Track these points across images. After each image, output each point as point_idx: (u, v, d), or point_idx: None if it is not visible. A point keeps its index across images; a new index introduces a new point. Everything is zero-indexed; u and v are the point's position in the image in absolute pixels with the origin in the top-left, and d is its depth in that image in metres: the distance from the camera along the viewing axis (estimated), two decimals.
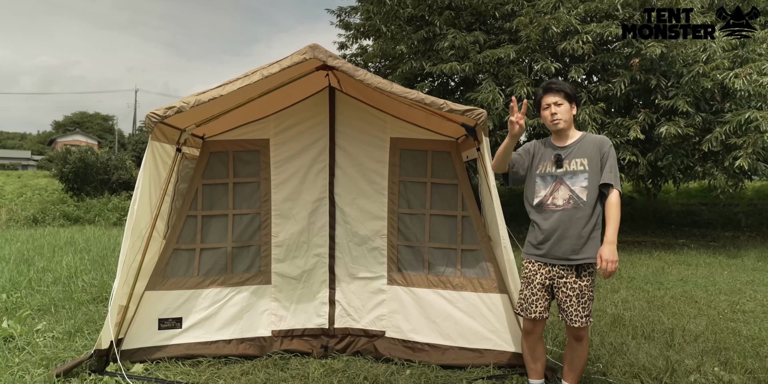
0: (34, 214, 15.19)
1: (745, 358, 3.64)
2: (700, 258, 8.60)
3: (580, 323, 2.69)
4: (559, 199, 2.77)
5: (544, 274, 2.80)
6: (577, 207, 2.72)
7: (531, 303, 2.82)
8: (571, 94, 2.79)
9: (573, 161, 2.76)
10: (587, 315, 2.70)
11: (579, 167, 2.75)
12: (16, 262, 7.12)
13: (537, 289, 2.81)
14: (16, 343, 3.74)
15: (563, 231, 2.73)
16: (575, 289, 2.71)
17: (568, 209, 2.73)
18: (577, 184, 2.74)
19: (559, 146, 2.83)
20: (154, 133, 3.23)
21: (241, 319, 3.68)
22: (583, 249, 2.70)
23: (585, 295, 2.70)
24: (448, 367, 3.47)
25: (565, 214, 2.73)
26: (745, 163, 7.94)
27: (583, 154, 2.75)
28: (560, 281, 2.75)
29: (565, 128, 2.82)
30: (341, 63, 3.09)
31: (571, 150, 2.79)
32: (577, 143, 2.80)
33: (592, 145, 2.76)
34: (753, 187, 18.22)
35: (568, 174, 2.77)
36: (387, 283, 3.77)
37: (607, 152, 2.73)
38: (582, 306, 2.69)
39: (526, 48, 9.10)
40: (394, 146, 3.84)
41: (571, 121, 2.83)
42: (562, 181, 2.78)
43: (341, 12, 12.95)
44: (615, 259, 2.57)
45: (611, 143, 2.77)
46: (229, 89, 3.01)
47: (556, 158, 2.79)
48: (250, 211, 3.81)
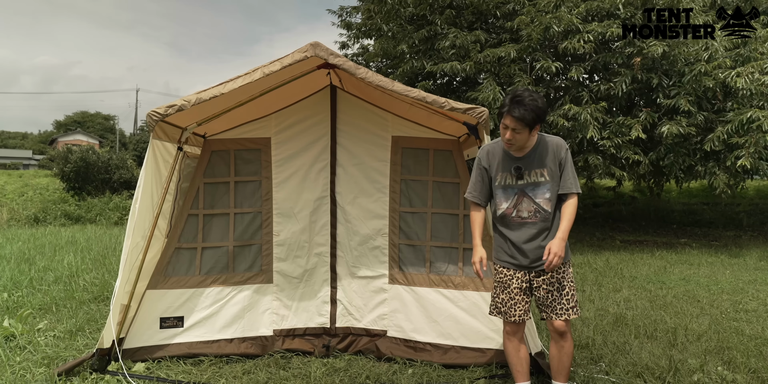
0: (35, 213, 15.19)
1: (748, 357, 3.63)
2: (702, 257, 8.58)
3: (567, 316, 2.68)
4: (524, 212, 2.72)
5: (520, 277, 2.77)
6: (545, 219, 2.70)
7: (510, 307, 2.78)
8: (532, 122, 2.55)
9: (533, 172, 2.69)
10: (572, 307, 2.70)
11: (540, 178, 2.69)
12: (17, 261, 7.11)
13: (515, 293, 2.77)
14: (18, 342, 3.74)
15: (533, 242, 2.71)
16: (554, 284, 2.70)
17: (536, 222, 2.70)
18: (540, 195, 2.69)
19: (517, 156, 2.72)
20: (155, 131, 3.22)
21: (243, 318, 3.68)
22: None
23: (565, 287, 2.70)
24: (450, 367, 3.46)
25: (533, 226, 2.71)
26: (747, 163, 7.92)
27: (541, 164, 2.68)
28: (538, 280, 2.74)
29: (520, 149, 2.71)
30: (342, 61, 3.08)
31: (530, 160, 2.70)
32: (535, 151, 2.69)
33: (549, 152, 2.68)
34: (755, 187, 18.19)
35: (529, 186, 2.70)
36: (388, 282, 3.76)
37: (564, 158, 2.67)
38: (566, 298, 2.69)
39: (527, 47, 9.08)
40: (396, 145, 3.83)
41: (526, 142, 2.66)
42: (525, 193, 2.71)
43: (342, 12, 12.93)
44: (561, 255, 2.55)
45: (567, 146, 2.71)
46: (231, 87, 3.00)
47: (516, 171, 2.70)
48: (251, 209, 3.80)
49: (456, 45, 9.42)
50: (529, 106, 2.52)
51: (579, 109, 8.51)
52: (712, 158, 9.16)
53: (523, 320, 2.80)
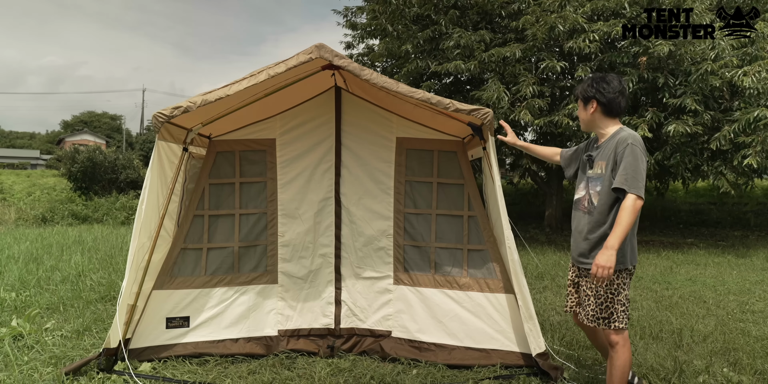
0: (42, 213, 15.29)
1: (754, 358, 3.61)
2: (708, 258, 8.54)
3: (595, 323, 2.59)
4: (585, 201, 2.73)
5: (573, 270, 2.86)
6: (589, 212, 2.67)
7: (565, 296, 2.97)
8: (582, 97, 2.72)
9: (597, 164, 2.67)
10: (605, 317, 2.57)
11: (598, 170, 2.65)
12: (25, 260, 7.17)
13: (569, 284, 2.91)
14: (25, 342, 3.77)
15: (576, 234, 2.75)
16: (592, 289, 2.62)
17: (584, 213, 2.71)
18: (593, 187, 2.67)
19: (596, 145, 2.76)
20: (161, 132, 3.24)
21: (248, 319, 3.70)
22: (591, 254, 2.63)
23: (601, 297, 2.58)
24: (455, 367, 3.46)
25: (582, 217, 2.72)
26: (754, 162, 7.87)
27: (603, 157, 2.63)
28: (579, 280, 2.78)
29: (586, 129, 2.80)
30: (347, 62, 3.09)
31: (600, 151, 2.69)
32: (606, 144, 2.66)
33: (613, 145, 2.58)
34: (762, 187, 18.06)
35: (593, 177, 2.69)
36: (393, 283, 3.77)
37: (622, 152, 2.49)
38: (599, 307, 2.58)
39: (533, 47, 9.05)
40: (400, 146, 3.84)
41: (589, 121, 2.74)
42: (588, 183, 2.72)
43: (347, 12, 12.94)
44: (608, 266, 2.39)
45: (630, 142, 2.50)
46: (236, 89, 3.02)
47: (587, 158, 2.75)
48: (256, 210, 3.82)
49: (461, 45, 9.41)
50: (582, 85, 2.73)
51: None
52: (719, 158, 9.10)
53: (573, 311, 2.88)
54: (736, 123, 8.10)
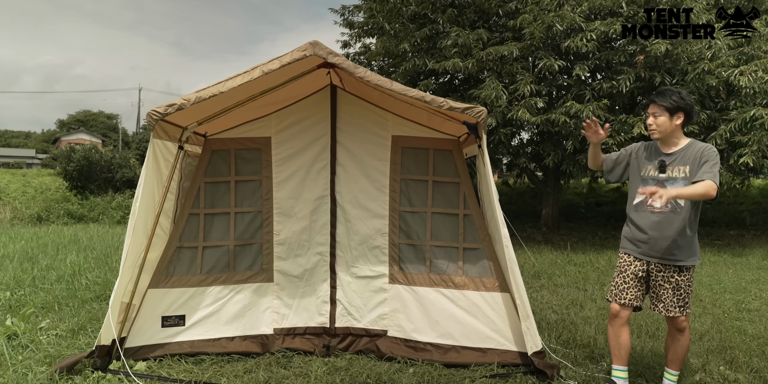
0: (38, 212, 15.24)
1: (750, 357, 3.61)
2: (704, 256, 8.55)
3: (674, 312, 2.86)
4: (657, 202, 2.85)
5: (638, 266, 2.94)
6: (675, 211, 2.84)
7: (622, 290, 2.97)
8: (673, 107, 2.83)
9: (676, 168, 2.87)
10: (682, 306, 2.86)
11: (681, 174, 2.85)
12: (20, 260, 7.14)
13: (629, 278, 2.96)
14: (20, 341, 3.75)
15: (660, 232, 2.86)
16: (672, 282, 2.86)
17: (665, 212, 2.85)
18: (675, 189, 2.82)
19: (665, 152, 2.92)
20: (155, 130, 3.23)
21: (244, 317, 3.69)
22: (679, 251, 2.83)
23: (681, 288, 2.86)
24: (452, 366, 3.46)
25: (663, 216, 2.85)
26: (750, 160, 7.89)
27: (686, 162, 2.84)
28: (658, 275, 2.90)
29: (663, 137, 2.91)
30: (341, 60, 3.08)
31: (675, 157, 2.88)
32: (683, 151, 2.87)
33: (697, 152, 2.82)
34: (758, 186, 18.12)
35: (670, 180, 2.87)
36: (388, 282, 3.76)
37: (707, 155, 2.77)
38: (677, 297, 2.85)
39: (530, 45, 9.05)
40: (396, 144, 3.82)
41: (670, 131, 2.88)
42: (664, 186, 2.86)
43: (344, 11, 12.91)
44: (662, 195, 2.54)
45: (714, 150, 2.80)
46: (230, 85, 3.00)
47: (660, 164, 2.91)
48: (251, 209, 3.81)
49: (458, 43, 9.40)
50: (671, 96, 2.85)
51: (581, 107, 8.48)
52: None
53: (630, 305, 2.97)
54: (732, 122, 8.12)
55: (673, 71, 8.83)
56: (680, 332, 2.93)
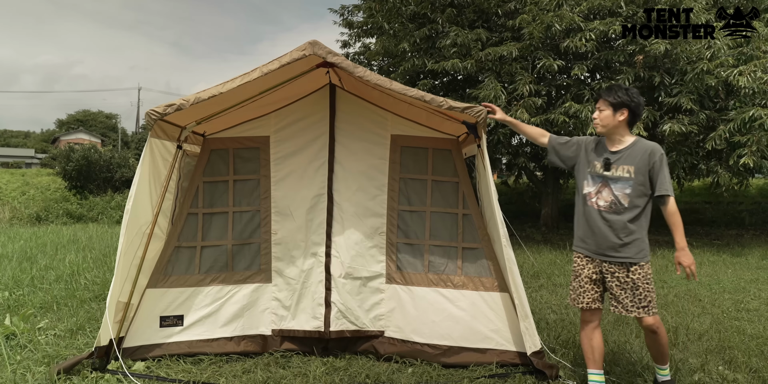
0: (37, 212, 15.24)
1: (749, 356, 3.61)
2: (704, 256, 8.56)
3: (636, 313, 2.79)
4: (602, 200, 2.88)
5: (591, 268, 2.93)
6: (618, 211, 2.82)
7: (579, 294, 2.96)
8: (617, 103, 2.83)
9: (620, 167, 2.85)
10: (645, 306, 2.78)
11: (624, 174, 2.83)
12: (19, 259, 7.13)
13: (585, 282, 2.94)
14: (18, 341, 3.74)
15: (603, 231, 2.85)
16: (627, 282, 2.81)
17: (609, 212, 2.84)
18: (620, 189, 2.84)
19: (611, 150, 2.91)
20: (153, 130, 3.23)
21: (242, 317, 3.67)
22: (623, 249, 2.81)
23: (639, 288, 2.79)
24: (450, 366, 3.45)
25: (606, 215, 2.85)
26: (750, 161, 7.89)
27: (631, 162, 2.82)
28: (612, 275, 2.87)
29: (607, 133, 2.91)
30: (340, 60, 3.08)
31: (620, 156, 2.86)
32: (628, 149, 2.85)
33: (643, 152, 2.81)
34: (757, 186, 18.13)
35: (613, 178, 2.86)
36: (385, 282, 3.73)
37: (658, 162, 2.77)
38: (637, 298, 2.79)
39: (529, 45, 9.06)
40: (395, 143, 3.82)
41: (613, 127, 2.87)
42: (608, 184, 2.87)
43: (344, 10, 12.92)
44: (692, 263, 2.73)
45: (662, 151, 2.81)
46: (229, 87, 3.01)
47: (605, 161, 2.89)
48: (250, 208, 3.79)
49: (457, 43, 9.40)
50: (617, 92, 2.84)
51: (580, 107, 8.49)
52: (715, 157, 9.13)
53: (592, 308, 2.93)
54: (731, 122, 8.12)
55: (672, 71, 8.84)
56: (653, 333, 2.84)
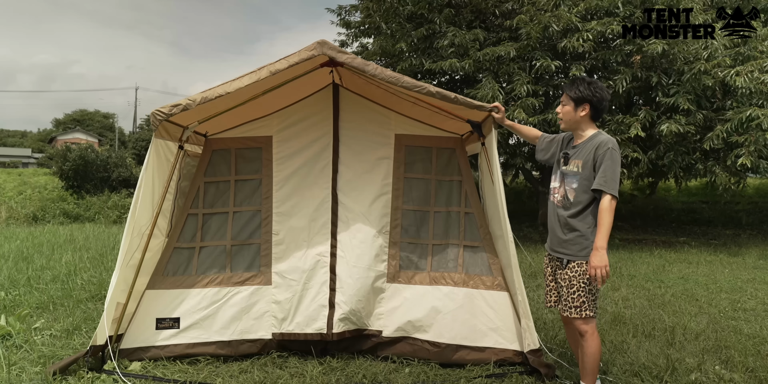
0: (33, 211, 15.16)
1: (746, 356, 3.62)
2: (701, 256, 8.58)
3: (569, 313, 2.74)
4: (559, 195, 2.88)
5: (548, 263, 2.96)
6: (565, 206, 2.81)
7: (546, 292, 2.97)
8: (577, 97, 2.81)
9: (573, 162, 2.84)
10: (578, 306, 2.71)
11: (574, 168, 2.82)
12: (15, 259, 7.10)
13: (549, 280, 2.94)
14: (14, 341, 3.72)
15: (553, 226, 2.88)
16: (565, 280, 2.79)
17: (560, 207, 2.85)
18: (569, 184, 2.82)
19: (573, 145, 2.92)
20: (158, 130, 3.19)
21: (241, 320, 3.59)
22: (565, 245, 2.80)
23: (573, 286, 2.73)
24: (448, 365, 3.45)
25: (558, 210, 2.86)
26: (747, 162, 7.91)
27: (580, 156, 2.80)
28: (556, 270, 2.88)
29: (570, 128, 2.90)
30: (351, 58, 3.06)
31: (577, 150, 2.85)
32: (584, 144, 2.83)
33: (591, 146, 2.77)
34: (754, 185, 18.19)
35: (568, 173, 2.86)
36: (387, 281, 3.73)
37: (602, 155, 2.67)
38: (571, 296, 2.73)
39: (527, 46, 9.06)
40: (399, 143, 3.81)
41: (575, 122, 2.86)
42: (564, 179, 2.87)
43: (341, 10, 12.89)
44: (603, 265, 2.57)
45: (610, 146, 2.69)
46: (236, 86, 2.97)
47: (563, 156, 2.90)
48: (251, 208, 3.76)
49: (455, 44, 9.40)
50: (579, 86, 2.81)
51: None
52: (712, 157, 9.14)
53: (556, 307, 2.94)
54: (728, 122, 8.14)
55: (670, 71, 8.85)
56: (581, 336, 2.75)
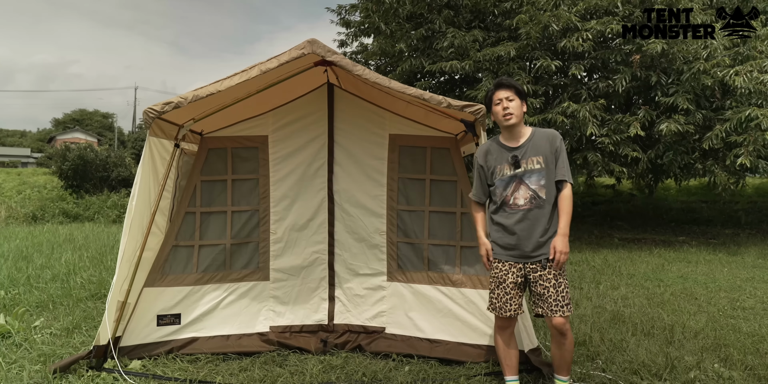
0: (33, 211, 15.17)
1: (745, 354, 3.63)
2: (700, 255, 8.59)
3: (561, 312, 2.70)
4: (520, 199, 2.78)
5: (515, 272, 2.80)
6: (540, 206, 2.75)
7: (505, 302, 2.83)
8: (522, 92, 2.82)
9: (529, 160, 2.78)
10: (567, 304, 2.73)
11: (536, 165, 2.76)
12: (14, 259, 7.11)
13: (510, 288, 2.82)
14: (14, 340, 3.73)
15: (529, 230, 2.75)
16: (550, 280, 2.73)
17: (531, 209, 2.76)
18: (535, 182, 2.77)
19: (513, 147, 2.82)
20: (152, 128, 3.21)
21: (240, 315, 3.68)
22: (544, 246, 2.75)
23: (561, 285, 2.73)
24: (447, 364, 3.46)
25: (530, 213, 2.76)
26: (746, 161, 7.92)
27: (537, 152, 2.77)
28: (535, 276, 2.77)
29: (516, 124, 2.82)
30: (339, 58, 3.07)
31: (525, 149, 2.79)
32: (530, 141, 2.80)
33: (545, 140, 2.78)
34: (753, 185, 18.21)
35: (527, 173, 2.78)
36: (387, 280, 3.76)
37: (559, 147, 2.77)
38: (560, 296, 2.72)
39: (526, 45, 9.07)
40: (393, 143, 3.82)
41: (521, 117, 2.82)
42: (521, 181, 2.79)
43: (341, 10, 12.90)
44: (566, 251, 2.69)
45: (560, 138, 2.81)
46: (227, 84, 2.99)
47: (513, 159, 2.79)
48: (248, 207, 3.79)
49: (455, 45, 9.41)
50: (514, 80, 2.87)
51: (578, 107, 8.50)
52: (711, 156, 9.16)
53: (516, 315, 2.85)
54: (728, 122, 8.15)
55: (669, 71, 8.87)
56: (563, 336, 2.74)
